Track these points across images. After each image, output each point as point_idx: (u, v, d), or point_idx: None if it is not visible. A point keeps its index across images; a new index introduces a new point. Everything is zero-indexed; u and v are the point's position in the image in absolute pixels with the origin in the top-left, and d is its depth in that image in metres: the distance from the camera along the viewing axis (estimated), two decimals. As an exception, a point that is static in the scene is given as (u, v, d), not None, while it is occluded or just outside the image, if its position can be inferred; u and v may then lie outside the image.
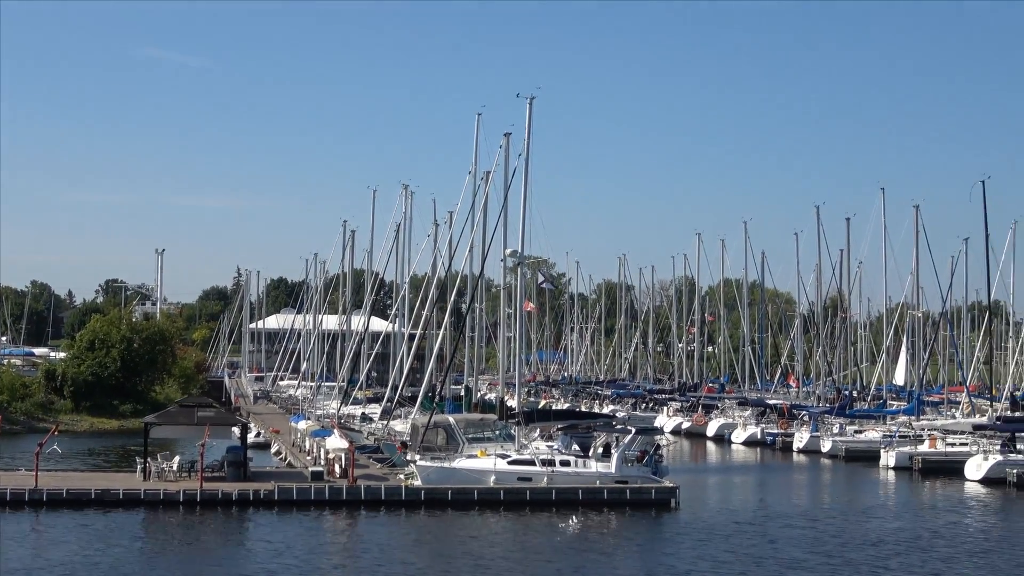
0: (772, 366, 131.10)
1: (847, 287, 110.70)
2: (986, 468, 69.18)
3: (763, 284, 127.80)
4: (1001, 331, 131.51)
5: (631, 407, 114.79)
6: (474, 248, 73.05)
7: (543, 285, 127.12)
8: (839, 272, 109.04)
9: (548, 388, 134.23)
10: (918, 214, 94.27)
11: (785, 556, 43.95)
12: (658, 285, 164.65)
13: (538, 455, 57.19)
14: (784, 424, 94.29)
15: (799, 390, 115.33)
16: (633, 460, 57.33)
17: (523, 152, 64.29)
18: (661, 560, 43.16)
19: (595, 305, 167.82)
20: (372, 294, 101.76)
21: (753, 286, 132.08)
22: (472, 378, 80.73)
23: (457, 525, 50.01)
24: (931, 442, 77.19)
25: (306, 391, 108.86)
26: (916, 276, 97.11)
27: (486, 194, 71.28)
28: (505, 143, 67.99)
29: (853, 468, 78.15)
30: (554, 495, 54.56)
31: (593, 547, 46.04)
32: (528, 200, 64.08)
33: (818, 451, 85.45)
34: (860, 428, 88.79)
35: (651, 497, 55.35)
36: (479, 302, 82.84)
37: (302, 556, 42.21)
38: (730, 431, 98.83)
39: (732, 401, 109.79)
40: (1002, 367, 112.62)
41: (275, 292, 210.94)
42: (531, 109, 64.25)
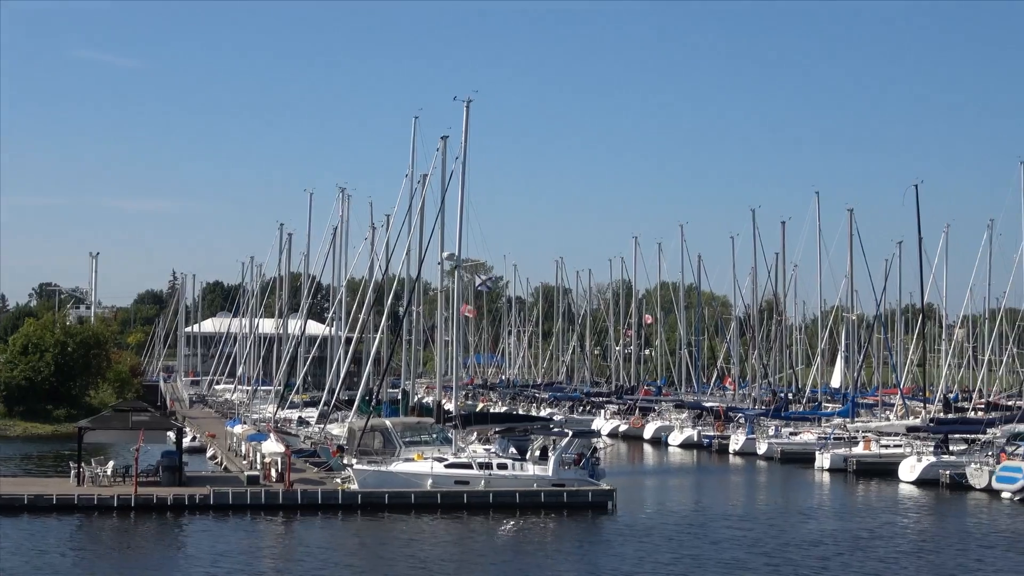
0: (708, 369, 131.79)
1: (783, 290, 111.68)
2: (919, 469, 69.80)
3: (699, 287, 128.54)
4: (934, 334, 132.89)
5: (568, 410, 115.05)
6: (411, 251, 73.00)
7: (480, 288, 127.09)
8: (775, 275, 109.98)
9: (486, 391, 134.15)
10: (852, 218, 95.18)
11: (726, 557, 44.21)
12: (595, 288, 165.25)
13: (475, 458, 57.21)
14: (720, 427, 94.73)
15: (735, 393, 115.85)
16: (570, 463, 57.44)
17: (460, 155, 64.40)
18: (599, 562, 43.21)
19: (533, 308, 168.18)
20: (309, 297, 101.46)
21: (690, 289, 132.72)
22: (409, 382, 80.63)
23: (394, 529, 49.92)
24: (865, 444, 77.79)
25: (242, 395, 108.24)
26: (851, 279, 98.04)
27: (423, 197, 71.23)
28: (442, 146, 67.99)
29: (789, 470, 78.64)
30: (491, 498, 54.52)
31: (531, 550, 46.12)
32: (465, 203, 64.21)
33: (754, 453, 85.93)
34: (795, 430, 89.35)
35: (588, 500, 55.47)
36: (416, 305, 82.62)
37: (239, 561, 41.97)
38: (667, 434, 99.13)
39: (669, 404, 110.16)
40: (935, 369, 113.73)
41: (211, 296, 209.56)
42: (468, 112, 64.37)
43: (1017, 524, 54.83)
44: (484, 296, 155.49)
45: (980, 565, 43.86)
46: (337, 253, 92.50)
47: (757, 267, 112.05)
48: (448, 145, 67.52)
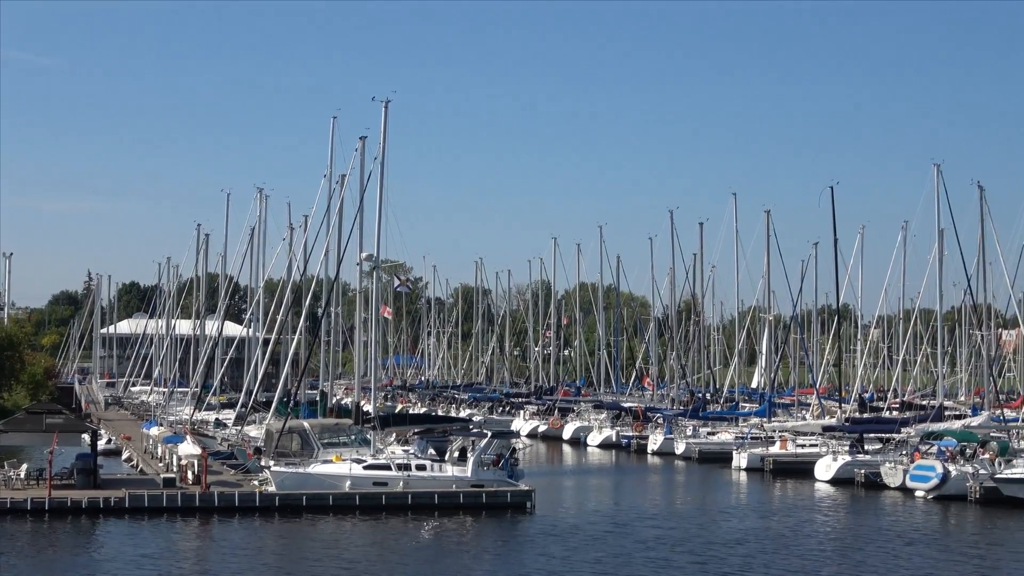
0: (627, 369, 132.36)
1: (701, 291, 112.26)
2: (835, 469, 70.48)
3: (618, 288, 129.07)
4: (850, 334, 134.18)
5: (488, 411, 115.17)
6: (329, 252, 72.64)
7: (399, 289, 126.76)
8: (693, 276, 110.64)
9: (405, 392, 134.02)
10: (769, 219, 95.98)
11: (651, 556, 44.36)
12: (515, 289, 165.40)
13: (394, 460, 57.04)
14: (639, 427, 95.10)
15: (654, 393, 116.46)
16: (489, 464, 57.43)
17: (379, 155, 64.13)
18: (517, 563, 43.22)
19: (452, 309, 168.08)
20: (226, 298, 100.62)
21: (608, 290, 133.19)
22: (328, 383, 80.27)
23: (312, 531, 49.64)
24: (782, 444, 78.41)
25: (159, 397, 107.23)
26: (767, 280, 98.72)
27: (341, 198, 70.99)
28: (361, 146, 67.74)
29: (706, 469, 79.10)
30: (410, 499, 54.39)
31: (450, 551, 46.05)
32: (384, 204, 63.96)
33: (672, 453, 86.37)
34: (713, 430, 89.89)
35: (507, 500, 55.49)
36: (335, 306, 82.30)
37: (155, 564, 41.55)
38: (586, 434, 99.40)
39: (588, 404, 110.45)
40: (851, 369, 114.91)
41: (127, 297, 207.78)
42: (387, 112, 64.18)
43: (931, 522, 55.52)
44: (403, 297, 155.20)
45: (901, 562, 44.32)
46: (255, 254, 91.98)
47: (675, 268, 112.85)
48: (367, 145, 67.35)
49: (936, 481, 62.25)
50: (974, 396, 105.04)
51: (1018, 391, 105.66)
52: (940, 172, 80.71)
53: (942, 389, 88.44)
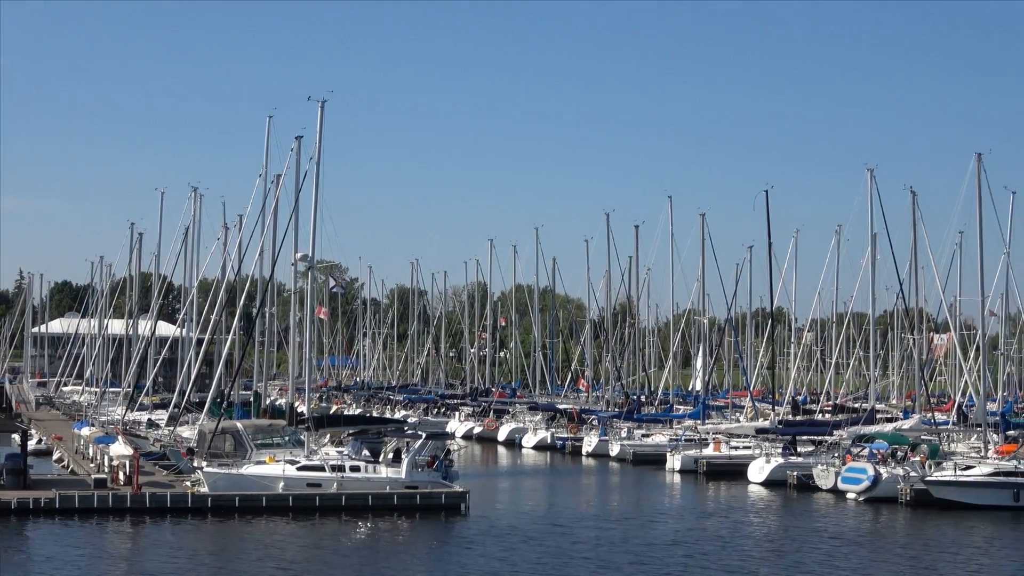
0: (563, 371, 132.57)
1: (636, 293, 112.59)
2: (768, 471, 70.93)
3: (554, 290, 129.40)
4: (784, 337, 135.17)
5: (423, 412, 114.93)
6: (264, 252, 72.23)
7: (334, 289, 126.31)
8: (628, 278, 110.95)
9: (340, 393, 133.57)
10: (704, 222, 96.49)
11: (590, 556, 44.45)
12: (450, 290, 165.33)
13: (328, 461, 56.80)
14: (574, 428, 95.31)
15: (589, 395, 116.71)
16: (423, 465, 57.35)
17: (314, 155, 63.86)
18: (452, 564, 43.15)
19: (388, 310, 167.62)
20: (159, 298, 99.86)
21: (544, 292, 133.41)
22: (262, 383, 79.84)
23: (245, 532, 49.39)
24: (715, 445, 78.79)
25: (90, 397, 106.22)
26: (702, 283, 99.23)
27: (276, 197, 70.55)
28: (296, 146, 67.36)
29: (640, 471, 79.37)
30: (344, 501, 54.23)
31: (383, 553, 45.92)
32: (319, 204, 63.70)
33: (606, 455, 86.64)
34: (647, 432, 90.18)
35: (441, 502, 55.40)
36: (269, 306, 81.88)
37: (84, 565, 41.16)
38: (521, 435, 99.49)
39: (523, 406, 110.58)
40: (784, 372, 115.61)
41: (59, 296, 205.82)
42: (323, 112, 63.89)
43: (864, 524, 55.97)
44: (339, 298, 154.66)
45: (838, 563, 44.76)
46: (189, 253, 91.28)
47: (611, 270, 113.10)
48: (302, 145, 66.99)
49: (867, 483, 62.80)
50: (906, 399, 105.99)
51: (949, 394, 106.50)
52: (873, 177, 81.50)
53: (874, 392, 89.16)
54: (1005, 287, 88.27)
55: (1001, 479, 60.84)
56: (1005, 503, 59.59)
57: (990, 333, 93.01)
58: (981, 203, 72.21)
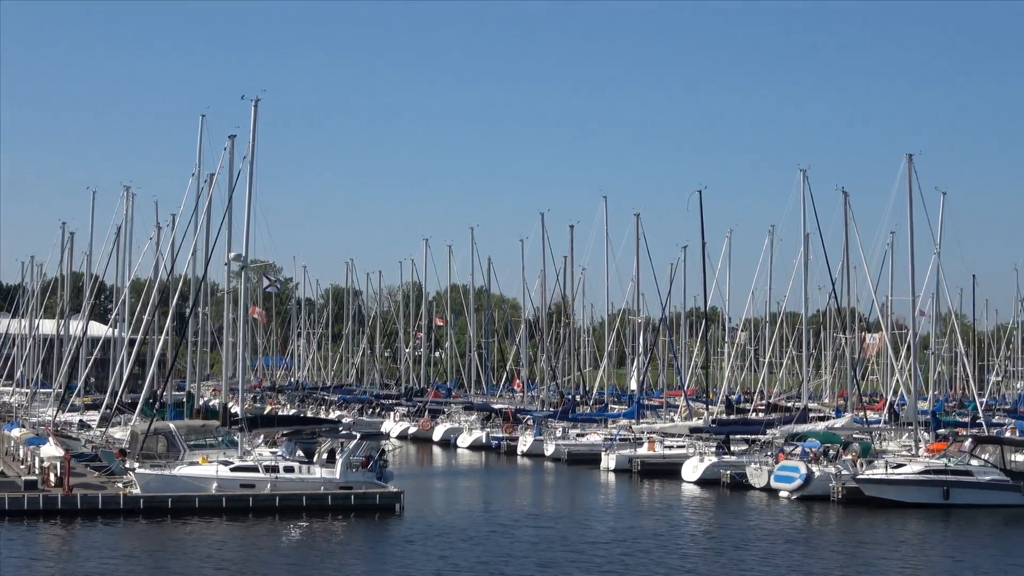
0: (498, 371, 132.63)
1: (571, 293, 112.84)
2: (702, 470, 71.29)
3: (489, 290, 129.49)
4: (718, 336, 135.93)
5: (357, 412, 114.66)
6: (197, 252, 71.74)
7: (268, 289, 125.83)
8: (563, 278, 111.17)
9: (274, 394, 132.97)
10: (639, 222, 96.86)
11: (530, 556, 44.43)
12: (386, 290, 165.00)
13: (261, 461, 56.50)
14: (509, 428, 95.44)
15: (524, 394, 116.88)
16: (358, 465, 57.19)
17: (248, 154, 63.49)
18: (386, 565, 43.07)
19: (322, 310, 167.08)
20: (91, 298, 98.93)
21: (480, 291, 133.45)
22: (195, 384, 79.32)
23: (178, 533, 49.03)
24: (650, 445, 79.11)
25: (21, 398, 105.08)
26: (637, 283, 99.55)
27: (210, 197, 70.06)
28: (230, 145, 66.90)
29: (575, 470, 79.59)
30: (278, 502, 53.94)
31: (317, 554, 45.74)
32: (253, 203, 63.29)
33: (541, 454, 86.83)
34: (582, 432, 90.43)
35: (376, 502, 55.28)
36: (203, 306, 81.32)
37: (12, 569, 40.70)
38: (456, 435, 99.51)
39: (458, 406, 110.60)
40: (718, 371, 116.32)
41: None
42: (256, 111, 63.50)
43: (796, 522, 56.36)
44: (273, 298, 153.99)
45: (777, 560, 45.11)
46: (121, 253, 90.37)
47: (546, 270, 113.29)
48: (236, 144, 66.58)
49: (800, 482, 63.25)
50: (838, 398, 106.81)
51: (881, 393, 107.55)
52: (806, 177, 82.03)
53: (807, 391, 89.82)
54: (936, 287, 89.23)
55: (931, 477, 61.46)
56: (935, 501, 60.20)
57: (921, 332, 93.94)
58: (912, 204, 72.87)
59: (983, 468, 62.76)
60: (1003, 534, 55.16)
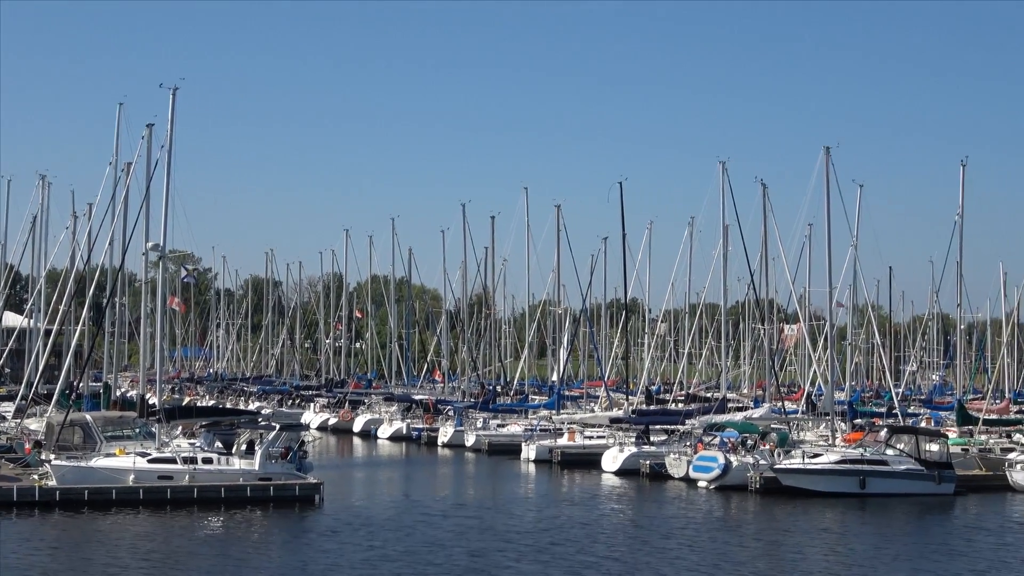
0: (419, 362, 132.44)
1: (492, 284, 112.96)
2: (621, 460, 71.60)
3: (410, 280, 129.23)
4: (638, 327, 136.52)
5: (277, 403, 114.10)
6: (115, 241, 70.94)
7: (187, 279, 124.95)
8: (484, 269, 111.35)
9: (193, 385, 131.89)
10: (560, 213, 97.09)
11: (454, 545, 44.41)
12: (306, 281, 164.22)
13: (179, 453, 56.04)
14: (429, 419, 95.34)
15: (445, 385, 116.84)
16: (277, 457, 56.84)
17: (166, 144, 62.83)
18: (305, 556, 42.87)
19: (242, 301, 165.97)
20: (6, 288, 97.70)
21: (400, 282, 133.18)
22: (112, 375, 78.57)
23: (94, 526, 48.53)
24: (570, 435, 79.33)
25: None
26: (558, 273, 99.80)
27: (127, 186, 69.29)
28: (148, 134, 66.10)
29: (496, 461, 79.68)
30: (196, 493, 53.56)
31: (236, 545, 45.43)
32: (171, 193, 62.61)
33: (462, 445, 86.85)
34: (503, 422, 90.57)
35: (295, 494, 55.03)
36: (120, 297, 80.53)
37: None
38: (376, 427, 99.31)
39: (379, 397, 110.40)
40: (639, 362, 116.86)
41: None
42: (174, 100, 62.68)
43: (715, 511, 56.80)
44: (192, 288, 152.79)
45: (703, 549, 45.49)
46: (37, 242, 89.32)
47: (467, 261, 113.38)
48: (154, 133, 65.85)
49: (718, 471, 63.71)
50: (756, 389, 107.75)
51: (799, 384, 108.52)
52: (725, 169, 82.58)
53: (726, 382, 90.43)
54: (853, 279, 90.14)
55: (848, 466, 62.15)
56: (851, 490, 60.88)
57: (838, 324, 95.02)
58: (829, 196, 73.52)
59: (898, 458, 63.55)
60: (918, 522, 55.91)
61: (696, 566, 42.10)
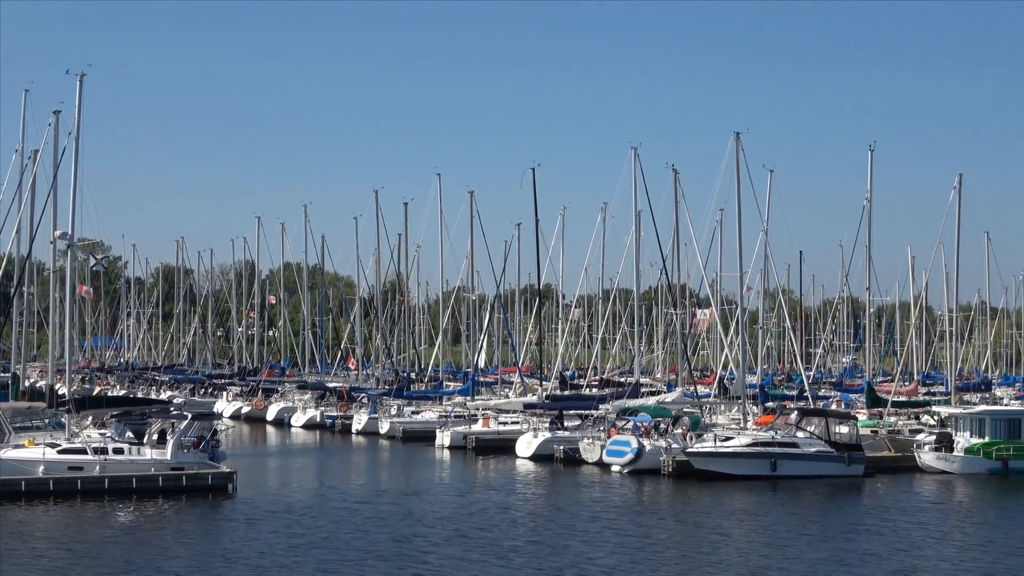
0: (333, 349, 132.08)
1: (406, 271, 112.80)
2: (535, 445, 71.82)
3: (323, 268, 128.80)
4: (552, 313, 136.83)
5: (189, 392, 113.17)
6: (21, 230, 70.08)
7: (96, 268, 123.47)
8: (398, 256, 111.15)
9: (103, 374, 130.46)
10: (472, 200, 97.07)
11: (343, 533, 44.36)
12: (217, 269, 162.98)
13: (90, 443, 55.49)
14: (343, 407, 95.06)
15: (359, 373, 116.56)
16: (189, 446, 56.45)
17: (73, 131, 62.10)
18: (218, 545, 42.65)
19: (153, 289, 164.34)
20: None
21: (314, 270, 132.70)
22: (20, 365, 77.60)
23: (4, 519, 47.88)
24: (484, 421, 79.50)
25: None
26: (471, 260, 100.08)
27: (34, 174, 68.46)
28: (54, 121, 65.39)
29: (411, 448, 79.61)
30: (107, 484, 53.06)
31: (148, 536, 45.08)
32: (79, 181, 61.92)
33: (376, 432, 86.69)
34: (417, 409, 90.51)
35: (208, 483, 54.67)
36: (28, 286, 79.54)
37: None
38: (290, 415, 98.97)
39: (292, 385, 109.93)
40: (553, 348, 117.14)
41: None
42: (82, 86, 62.01)
43: (629, 495, 57.21)
44: (101, 277, 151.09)
45: (630, 532, 45.82)
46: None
47: (380, 248, 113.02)
48: (61, 120, 65.12)
49: (631, 456, 64.09)
50: (669, 373, 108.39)
51: (711, 368, 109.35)
52: (637, 155, 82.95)
53: (639, 366, 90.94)
54: (764, 263, 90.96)
55: (759, 449, 62.78)
56: (763, 472, 61.48)
57: (750, 308, 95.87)
58: (740, 181, 74.20)
59: (809, 440, 64.27)
60: (829, 503, 56.53)
61: (619, 549, 42.44)
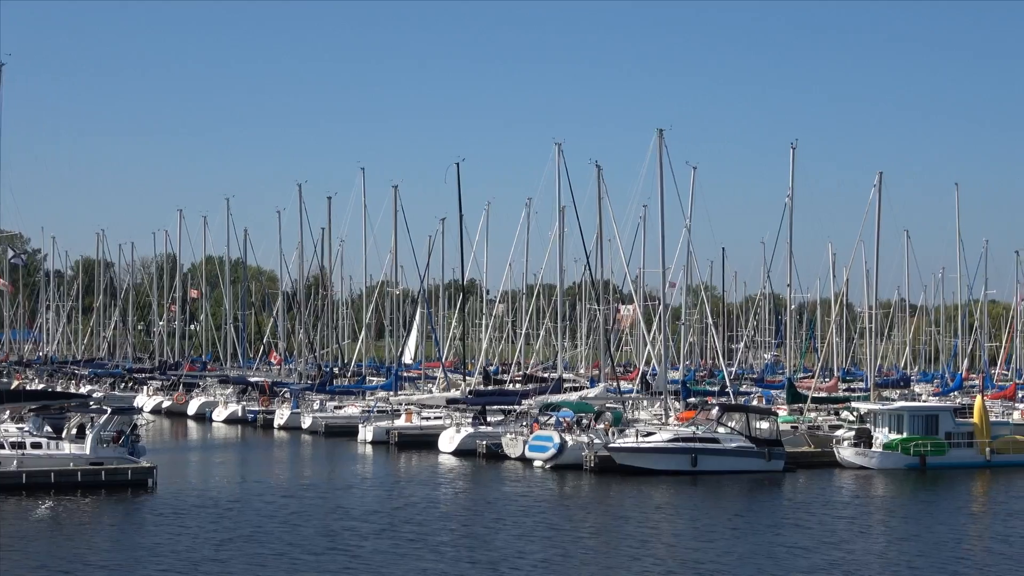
0: (255, 343, 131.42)
1: (329, 265, 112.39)
2: (458, 440, 71.90)
3: (246, 261, 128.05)
4: (476, 308, 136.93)
5: (109, 387, 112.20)
6: (-61, 221, 69.22)
7: (14, 261, 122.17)
8: (321, 250, 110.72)
9: (21, 368, 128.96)
10: (397, 194, 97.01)
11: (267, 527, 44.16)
12: (138, 262, 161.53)
13: (7, 438, 54.81)
14: (265, 401, 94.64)
15: (281, 367, 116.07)
16: (108, 441, 55.97)
17: (-8, 121, 61.36)
18: (137, 540, 42.30)
19: (72, 282, 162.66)
20: None
21: (236, 263, 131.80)
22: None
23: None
24: (407, 416, 79.45)
25: None
26: (395, 255, 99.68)
27: (-49, 164, 67.55)
28: (-27, 111, 64.55)
29: (333, 443, 79.38)
30: (24, 479, 52.44)
31: (65, 531, 44.65)
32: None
33: (299, 427, 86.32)
34: (340, 404, 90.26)
35: (127, 478, 54.20)
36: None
37: None
38: (211, 409, 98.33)
39: (214, 379, 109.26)
40: (476, 343, 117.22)
41: None
42: (1, 76, 61.36)
43: (550, 490, 57.47)
44: (20, 270, 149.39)
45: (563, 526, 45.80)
46: None
47: (304, 242, 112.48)
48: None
49: (553, 451, 64.33)
50: (592, 369, 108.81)
51: (635, 363, 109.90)
52: (561, 151, 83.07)
53: (562, 362, 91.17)
54: (687, 259, 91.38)
55: (680, 445, 63.11)
56: (684, 467, 61.83)
57: (672, 304, 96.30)
58: (663, 178, 74.60)
59: (729, 435, 64.72)
60: (750, 498, 56.96)
61: (550, 543, 42.66)
